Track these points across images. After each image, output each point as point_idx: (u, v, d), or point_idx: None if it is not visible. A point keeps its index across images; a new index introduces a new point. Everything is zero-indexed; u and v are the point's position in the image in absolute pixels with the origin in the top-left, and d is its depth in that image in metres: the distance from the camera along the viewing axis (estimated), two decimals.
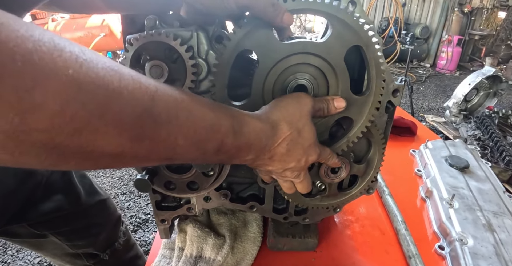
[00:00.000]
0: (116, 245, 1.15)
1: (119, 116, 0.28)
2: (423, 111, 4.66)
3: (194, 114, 0.35)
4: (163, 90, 0.33)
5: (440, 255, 0.80)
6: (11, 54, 0.22)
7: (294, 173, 0.53)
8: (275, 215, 0.73)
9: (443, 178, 1.02)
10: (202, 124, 0.36)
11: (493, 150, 2.47)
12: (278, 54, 0.49)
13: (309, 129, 0.49)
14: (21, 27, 0.23)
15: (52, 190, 0.91)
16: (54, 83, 0.23)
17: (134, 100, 0.29)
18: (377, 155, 0.66)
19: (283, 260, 0.78)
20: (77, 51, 0.26)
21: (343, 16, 0.47)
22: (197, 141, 0.36)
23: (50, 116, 0.24)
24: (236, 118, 0.41)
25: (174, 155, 0.35)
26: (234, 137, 0.39)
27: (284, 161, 0.49)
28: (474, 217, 0.87)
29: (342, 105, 0.53)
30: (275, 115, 0.47)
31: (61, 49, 0.24)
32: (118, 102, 0.28)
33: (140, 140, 0.30)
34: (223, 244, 0.76)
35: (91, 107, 0.26)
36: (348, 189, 0.70)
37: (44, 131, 0.24)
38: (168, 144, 0.33)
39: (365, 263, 0.78)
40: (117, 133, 0.28)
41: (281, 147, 0.46)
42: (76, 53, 0.25)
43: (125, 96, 0.28)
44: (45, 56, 0.23)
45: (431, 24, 6.77)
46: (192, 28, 0.50)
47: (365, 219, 0.92)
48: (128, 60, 0.49)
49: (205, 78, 0.52)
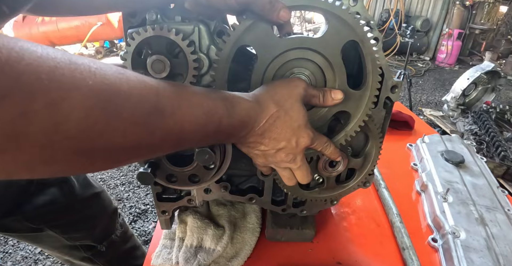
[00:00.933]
0: (113, 237, 1.17)
1: (132, 114, 0.31)
2: (421, 104, 4.67)
3: (193, 102, 0.40)
4: (164, 86, 0.37)
5: (433, 247, 0.82)
6: (37, 74, 0.24)
7: (288, 156, 0.53)
8: (273, 207, 0.75)
9: (438, 173, 1.04)
10: (201, 109, 0.40)
11: (489, 145, 2.49)
12: (276, 49, 0.50)
13: (298, 109, 0.51)
14: (37, 48, 0.25)
15: (46, 184, 0.92)
16: (77, 95, 0.26)
17: (143, 98, 0.33)
18: (374, 149, 0.68)
19: (281, 250, 0.80)
20: (88, 62, 0.28)
21: (338, 12, 0.48)
22: (199, 124, 0.40)
23: (77, 123, 0.26)
24: (228, 100, 0.44)
25: (181, 141, 0.39)
26: (228, 117, 0.43)
27: (274, 140, 0.50)
28: (468, 211, 0.89)
29: (339, 96, 0.54)
30: (262, 94, 0.49)
31: (75, 62, 0.27)
32: (130, 102, 0.31)
33: (153, 132, 0.34)
34: (222, 235, 0.78)
35: (110, 110, 0.29)
36: (345, 182, 0.72)
37: (73, 138, 0.27)
38: (176, 131, 0.37)
39: (360, 254, 0.80)
40: (133, 129, 0.32)
41: (269, 123, 0.49)
42: (88, 64, 0.28)
43: (135, 96, 0.32)
44: (65, 71, 0.26)
45: (432, 17, 6.72)
46: (193, 22, 0.51)
47: (361, 212, 0.94)
48: (130, 54, 0.50)
49: (207, 73, 0.53)
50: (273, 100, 0.49)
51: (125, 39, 0.51)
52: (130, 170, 2.92)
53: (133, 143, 0.32)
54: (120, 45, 6.98)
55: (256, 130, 0.48)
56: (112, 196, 2.61)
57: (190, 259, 0.74)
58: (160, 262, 0.76)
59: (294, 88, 0.51)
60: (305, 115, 0.52)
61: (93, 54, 6.91)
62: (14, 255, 2.02)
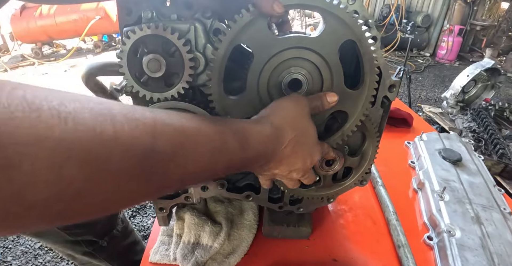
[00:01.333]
0: (114, 232, 1.18)
1: (121, 164, 0.25)
2: (421, 101, 4.66)
3: (199, 140, 0.34)
4: (162, 121, 0.31)
5: (428, 245, 0.83)
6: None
7: (299, 174, 0.53)
8: (270, 204, 0.75)
9: (435, 171, 1.05)
10: (208, 147, 0.35)
11: (488, 143, 2.50)
12: (273, 48, 0.50)
13: (312, 128, 0.51)
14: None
15: None
16: (41, 151, 0.21)
17: (134, 142, 0.27)
18: (371, 148, 0.68)
19: (277, 247, 0.80)
20: (57, 104, 0.22)
21: (336, 11, 0.48)
22: (206, 163, 0.35)
23: (47, 185, 0.21)
24: (240, 133, 0.40)
25: (184, 183, 0.35)
26: (242, 152, 0.39)
27: (291, 163, 0.49)
28: (463, 210, 0.90)
29: (334, 99, 0.54)
30: (277, 119, 0.47)
31: (37, 108, 0.21)
32: (117, 150, 0.25)
33: (149, 179, 0.28)
34: (219, 232, 0.79)
35: (89, 164, 0.23)
36: (342, 181, 0.72)
37: (42, 205, 0.22)
38: (177, 176, 0.32)
39: (356, 251, 0.81)
40: (123, 181, 0.26)
41: (288, 149, 0.47)
42: (57, 108, 0.22)
43: (123, 140, 0.26)
44: (23, 122, 0.20)
45: (433, 12, 6.67)
46: (189, 21, 0.50)
47: (358, 209, 0.95)
48: (125, 53, 0.49)
49: (203, 72, 0.53)
50: (289, 125, 0.47)
51: (121, 37, 0.51)
52: None
53: (122, 195, 0.27)
54: (118, 39, 6.93)
55: (274, 158, 0.46)
56: None
57: (187, 256, 0.74)
58: (158, 258, 0.77)
59: (303, 107, 0.50)
60: (316, 131, 0.52)
61: (91, 48, 6.86)
62: (14, 250, 2.03)
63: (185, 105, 0.55)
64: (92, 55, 6.41)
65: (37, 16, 5.90)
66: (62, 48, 7.02)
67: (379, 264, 0.78)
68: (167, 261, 0.76)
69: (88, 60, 6.08)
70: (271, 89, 0.54)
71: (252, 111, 0.55)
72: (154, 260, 0.77)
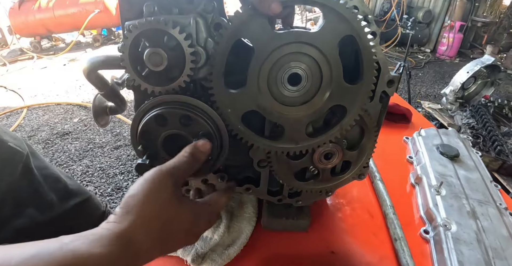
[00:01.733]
0: None
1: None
2: (420, 97, 4.67)
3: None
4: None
5: (425, 238, 0.85)
6: None
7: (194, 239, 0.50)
8: (269, 197, 0.76)
9: (433, 166, 1.06)
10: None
11: (486, 139, 2.51)
12: (273, 43, 0.50)
13: (181, 212, 0.45)
14: None
15: (21, 205, 0.88)
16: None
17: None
18: (370, 142, 0.69)
19: (276, 239, 0.82)
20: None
21: (335, 6, 0.48)
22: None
23: None
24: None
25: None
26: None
27: (170, 249, 0.45)
28: (460, 204, 0.91)
29: (207, 147, 0.53)
30: (127, 228, 0.40)
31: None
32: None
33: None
34: (219, 224, 0.80)
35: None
36: (340, 174, 0.73)
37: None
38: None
39: (353, 244, 0.83)
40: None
41: (149, 254, 0.41)
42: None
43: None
44: None
45: (434, 8, 6.64)
46: (191, 15, 0.51)
47: (355, 203, 0.96)
48: (127, 47, 0.50)
49: (204, 66, 0.53)
50: (143, 228, 0.40)
51: (122, 31, 0.52)
52: (129, 160, 2.94)
53: None
54: (118, 33, 6.89)
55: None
56: (111, 185, 2.63)
57: (187, 247, 0.76)
58: None
59: (162, 191, 0.44)
60: (187, 214, 0.46)
61: (90, 42, 6.83)
62: None
63: (186, 99, 0.55)
64: (91, 49, 6.38)
65: (35, 9, 5.86)
66: (61, 42, 6.98)
67: (376, 257, 0.79)
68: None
69: (89, 54, 6.05)
70: (271, 83, 0.54)
71: (252, 105, 0.55)
72: None
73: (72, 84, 4.74)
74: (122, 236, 0.39)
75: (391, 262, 0.77)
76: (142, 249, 0.40)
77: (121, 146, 3.16)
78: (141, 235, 0.40)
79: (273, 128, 0.62)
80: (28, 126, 3.58)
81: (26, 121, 3.72)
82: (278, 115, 0.57)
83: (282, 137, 0.60)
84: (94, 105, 0.82)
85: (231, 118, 0.57)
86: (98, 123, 0.84)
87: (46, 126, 3.59)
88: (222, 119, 0.57)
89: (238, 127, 0.58)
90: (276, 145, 0.61)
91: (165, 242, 0.43)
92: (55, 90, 4.56)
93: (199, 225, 0.49)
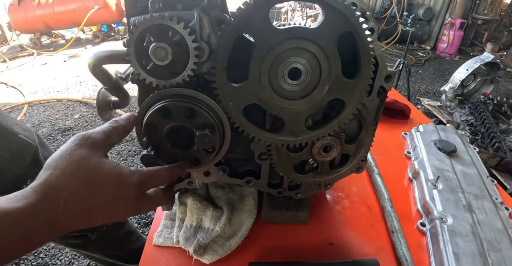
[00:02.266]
0: (104, 228, 1.20)
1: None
2: (420, 94, 4.68)
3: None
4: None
5: (421, 231, 0.87)
6: None
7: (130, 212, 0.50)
8: (270, 190, 0.78)
9: (430, 161, 1.07)
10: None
11: (484, 136, 2.53)
12: (273, 39, 0.52)
13: (106, 166, 0.45)
14: None
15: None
16: None
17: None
18: (368, 136, 0.70)
19: (276, 231, 0.84)
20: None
21: (334, 3, 0.50)
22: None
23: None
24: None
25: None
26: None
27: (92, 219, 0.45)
28: (456, 198, 0.93)
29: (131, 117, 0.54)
30: (46, 177, 0.41)
31: None
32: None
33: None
34: (221, 216, 0.82)
35: None
36: (339, 167, 0.75)
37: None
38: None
39: (351, 236, 0.85)
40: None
41: (73, 206, 0.41)
42: None
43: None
44: None
45: (434, 5, 6.62)
46: (194, 11, 0.52)
47: (354, 196, 0.98)
48: (133, 41, 0.52)
49: (207, 60, 0.55)
50: (60, 178, 0.41)
51: (128, 27, 0.53)
52: (130, 155, 2.96)
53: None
54: (118, 29, 6.87)
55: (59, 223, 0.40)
56: None
57: (190, 238, 0.78)
58: (162, 241, 0.80)
59: (78, 149, 0.45)
60: (111, 175, 0.46)
61: (90, 39, 6.82)
62: None
63: (190, 92, 0.57)
64: (91, 46, 6.37)
65: (35, 5, 5.84)
66: (61, 38, 6.96)
67: (373, 248, 0.81)
68: (170, 244, 0.80)
69: (90, 50, 6.05)
70: (272, 77, 0.56)
71: (254, 98, 0.57)
72: (157, 243, 0.80)
73: (73, 80, 4.75)
74: (40, 185, 0.40)
75: (388, 254, 0.80)
76: (63, 197, 0.40)
77: (122, 142, 3.18)
78: (60, 182, 0.41)
79: (273, 121, 0.64)
80: (29, 122, 3.60)
81: (27, 117, 3.74)
82: (279, 109, 0.59)
83: (283, 130, 0.62)
84: (98, 99, 0.83)
85: (233, 111, 0.58)
86: (102, 117, 0.86)
87: (47, 122, 3.61)
88: (225, 112, 0.59)
89: (240, 119, 0.60)
90: (277, 138, 0.63)
91: (90, 198, 0.43)
92: (55, 86, 4.57)
93: (129, 192, 0.47)
